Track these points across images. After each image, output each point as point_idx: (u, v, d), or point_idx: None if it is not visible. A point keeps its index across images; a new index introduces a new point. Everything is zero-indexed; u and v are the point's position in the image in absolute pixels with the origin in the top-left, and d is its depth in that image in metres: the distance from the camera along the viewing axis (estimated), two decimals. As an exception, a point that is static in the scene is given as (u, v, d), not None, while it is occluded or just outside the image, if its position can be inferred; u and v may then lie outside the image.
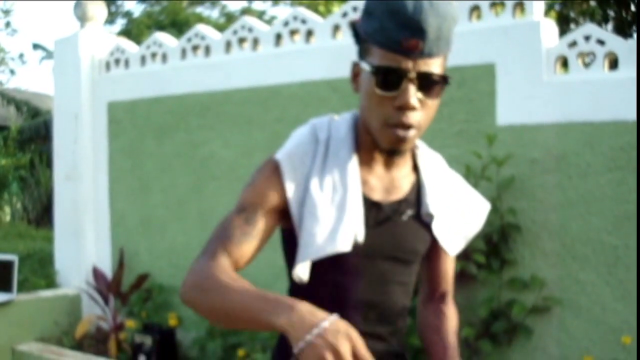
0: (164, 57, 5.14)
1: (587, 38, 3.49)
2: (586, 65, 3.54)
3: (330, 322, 1.12)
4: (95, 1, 5.56)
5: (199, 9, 23.31)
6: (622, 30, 10.79)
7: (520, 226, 3.55)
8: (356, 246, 1.41)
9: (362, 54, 1.38)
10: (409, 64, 1.30)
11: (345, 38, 4.25)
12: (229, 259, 1.38)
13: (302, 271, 1.42)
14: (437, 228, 1.53)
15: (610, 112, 3.37)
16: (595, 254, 3.41)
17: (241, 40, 4.74)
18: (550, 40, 3.61)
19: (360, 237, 1.41)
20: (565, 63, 3.61)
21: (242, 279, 1.31)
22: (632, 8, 11.15)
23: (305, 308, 1.16)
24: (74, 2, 5.55)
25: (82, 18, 5.50)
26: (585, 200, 3.44)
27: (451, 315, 1.72)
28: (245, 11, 23.18)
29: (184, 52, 5.04)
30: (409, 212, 1.49)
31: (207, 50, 4.92)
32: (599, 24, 11.68)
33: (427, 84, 1.32)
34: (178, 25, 18.35)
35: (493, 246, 3.57)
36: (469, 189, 1.65)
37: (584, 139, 3.44)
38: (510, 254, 3.58)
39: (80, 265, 5.44)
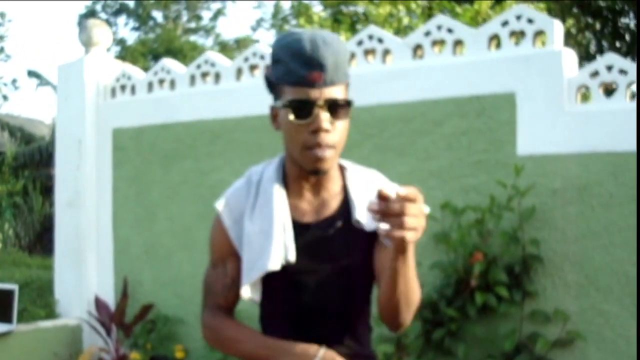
0: (172, 84, 5.09)
1: (609, 68, 3.47)
2: (608, 94, 3.52)
3: (322, 352, 1.56)
4: (101, 26, 5.52)
5: (193, 37, 23.38)
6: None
7: (542, 257, 3.50)
8: (290, 264, 1.64)
9: (277, 96, 1.65)
10: (316, 94, 1.55)
11: (359, 66, 4.22)
12: (223, 309, 1.75)
13: (245, 292, 1.69)
14: (369, 227, 1.66)
15: (632, 142, 3.35)
16: (619, 286, 3.36)
17: (252, 68, 4.70)
18: (571, 70, 3.59)
19: (291, 256, 1.63)
20: (586, 93, 3.59)
21: (245, 327, 1.70)
22: (627, 39, 11.27)
23: (299, 348, 1.58)
24: (77, 27, 5.50)
25: (87, 43, 5.45)
26: (608, 231, 3.40)
27: None
28: (240, 41, 23.28)
29: (192, 79, 4.99)
30: (338, 225, 1.68)
31: (217, 77, 4.87)
32: (594, 55, 11.79)
33: (334, 108, 1.57)
34: (173, 53, 18.35)
35: (515, 277, 3.51)
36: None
37: (606, 169, 3.42)
38: (532, 286, 3.52)
39: (82, 295, 5.32)
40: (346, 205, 1.71)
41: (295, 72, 1.55)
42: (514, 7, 3.83)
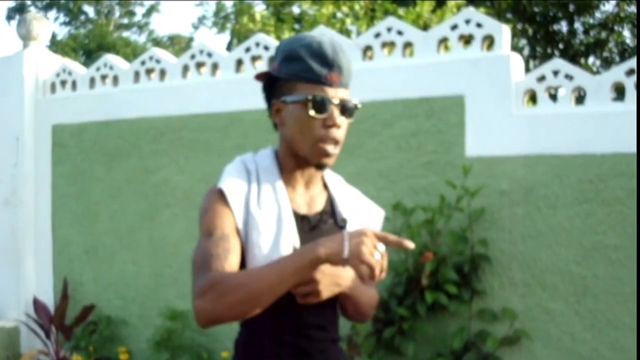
0: (115, 80, 4.98)
1: (555, 73, 3.57)
2: (554, 99, 3.62)
3: (349, 232, 1.52)
4: (40, 20, 5.36)
5: (126, 34, 22.95)
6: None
7: (489, 257, 3.58)
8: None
9: (285, 92, 1.70)
10: (332, 93, 1.68)
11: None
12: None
13: None
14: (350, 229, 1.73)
15: (578, 145, 3.45)
16: (564, 284, 3.46)
17: (199, 65, 4.65)
18: (518, 74, 3.68)
19: (297, 244, 1.69)
20: (533, 97, 3.69)
21: (246, 270, 1.62)
22: (561, 46, 11.62)
23: (320, 240, 1.53)
24: (17, 20, 5.32)
25: (26, 37, 5.28)
26: (554, 232, 3.50)
27: (369, 286, 1.87)
28: (174, 38, 22.97)
29: (137, 75, 4.89)
30: (330, 221, 1.80)
31: (162, 73, 4.80)
32: (527, 60, 12.12)
33: (345, 107, 1.70)
34: (105, 49, 17.95)
35: (463, 276, 3.58)
36: (366, 200, 1.94)
37: (552, 172, 3.51)
38: (480, 285, 3.59)
39: (19, 296, 5.15)
40: (330, 203, 1.84)
41: (316, 70, 1.66)
42: (463, 10, 3.89)
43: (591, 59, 13.91)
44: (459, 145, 3.74)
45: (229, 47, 12.77)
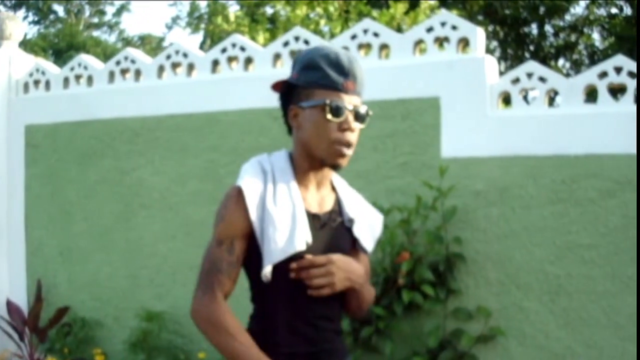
0: (90, 80, 4.95)
1: (529, 75, 3.63)
2: (527, 100, 3.68)
3: None
4: (13, 19, 5.31)
5: (96, 33, 22.73)
6: (519, 68, 11.40)
7: (465, 256, 3.62)
8: (307, 248, 1.83)
9: (303, 98, 1.84)
10: (347, 99, 1.82)
11: (287, 67, 4.23)
12: (224, 289, 1.82)
13: (268, 272, 1.81)
14: (356, 231, 1.98)
15: (551, 147, 3.51)
16: (538, 283, 3.52)
17: (175, 65, 4.64)
18: (493, 76, 3.73)
19: (310, 239, 1.83)
20: (507, 99, 3.74)
21: (242, 328, 1.81)
22: (531, 48, 11.76)
23: None
24: (-11, 19, 5.26)
25: (-2, 36, 5.23)
26: (528, 232, 3.55)
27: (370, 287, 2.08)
28: (144, 37, 22.81)
29: (112, 75, 4.87)
30: (339, 220, 1.95)
31: (138, 74, 4.78)
32: (498, 62, 12.24)
33: (358, 113, 1.85)
34: (75, 48, 17.77)
35: (439, 276, 3.62)
36: (367, 204, 2.09)
37: (526, 172, 3.57)
38: (456, 284, 3.64)
39: (-9, 298, 5.10)
40: (338, 204, 1.98)
41: (333, 78, 1.81)
42: (439, 13, 3.94)
43: (561, 61, 14.11)
44: (434, 146, 3.79)
45: (202, 48, 12.74)
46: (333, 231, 1.92)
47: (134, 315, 4.49)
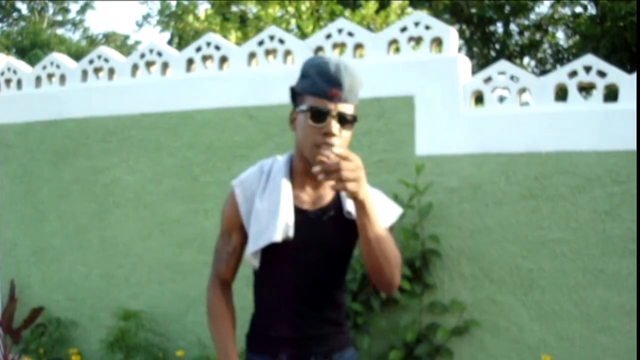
0: (62, 79, 4.93)
1: (501, 74, 3.71)
2: (500, 99, 3.76)
3: None
4: (-18, 18, 5.25)
5: (60, 31, 22.45)
6: (485, 66, 11.52)
7: (440, 252, 3.69)
8: (289, 240, 1.97)
9: (299, 103, 1.97)
10: (331, 106, 1.90)
11: (261, 66, 4.27)
12: (223, 275, 2.12)
13: (252, 259, 2.03)
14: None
15: (524, 144, 3.60)
16: (511, 277, 3.60)
17: (149, 64, 4.64)
18: (465, 75, 3.81)
19: (290, 233, 1.97)
20: (480, 97, 3.82)
21: (226, 315, 2.09)
22: (497, 46, 11.92)
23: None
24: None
25: (-33, 35, 5.17)
26: (501, 227, 3.64)
27: None
28: (109, 35, 22.59)
29: (84, 74, 4.85)
30: (331, 214, 2.04)
31: (111, 72, 4.76)
32: (466, 60, 12.37)
33: (343, 120, 1.92)
34: (39, 47, 17.54)
35: (415, 271, 3.68)
36: (385, 198, 2.18)
37: (499, 169, 3.65)
38: (431, 279, 3.71)
39: (-37, 299, 5.04)
40: (338, 199, 2.07)
41: (319, 86, 1.91)
42: (413, 13, 4.00)
43: (526, 60, 14.32)
44: (409, 144, 3.85)
45: (169, 46, 12.67)
46: (323, 227, 2.03)
47: (110, 315, 4.49)
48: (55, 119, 4.90)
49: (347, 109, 1.93)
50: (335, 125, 1.90)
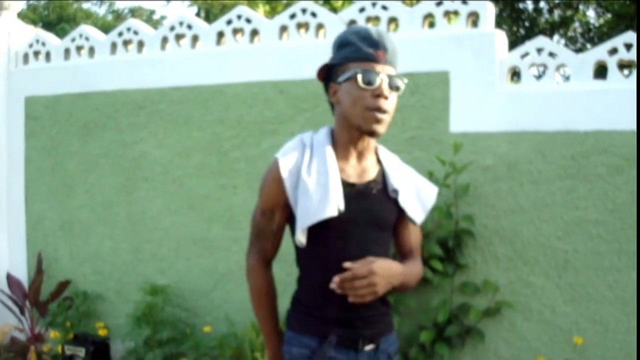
0: (91, 51, 4.89)
1: (539, 50, 3.61)
2: (538, 76, 3.66)
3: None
4: (11, -11, 5.22)
5: (86, 5, 22.46)
6: (515, 45, 11.35)
7: (473, 232, 3.62)
8: (340, 214, 1.93)
9: (340, 74, 1.95)
10: (379, 68, 1.91)
11: (292, 40, 4.19)
12: (267, 254, 2.10)
13: (301, 237, 1.96)
14: (403, 201, 2.07)
15: (561, 122, 3.50)
16: (545, 259, 3.53)
17: (178, 37, 4.58)
18: (502, 51, 3.71)
19: (342, 207, 1.94)
20: (517, 73, 3.72)
21: (270, 294, 2.12)
22: (526, 24, 11.71)
23: (272, 352, 2.12)
24: (-13, -11, 5.17)
25: (-4, 7, 5.15)
26: (536, 207, 3.56)
27: (411, 261, 2.17)
28: (135, 10, 22.56)
29: (114, 47, 4.81)
30: (378, 188, 2.03)
31: (140, 45, 4.72)
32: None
33: (392, 81, 1.93)
34: (65, 21, 17.56)
35: (447, 251, 3.62)
36: (420, 177, 2.21)
37: (535, 148, 3.56)
38: (464, 259, 3.64)
39: (-9, 272, 5.07)
40: (382, 175, 2.07)
41: (364, 50, 1.91)
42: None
43: (556, 37, 14.07)
44: (443, 121, 3.77)
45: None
46: (371, 200, 2.01)
47: (137, 289, 4.48)
48: (83, 92, 4.87)
49: (394, 72, 1.95)
50: (386, 87, 1.91)
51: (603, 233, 3.42)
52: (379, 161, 2.11)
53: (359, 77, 1.90)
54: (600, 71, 3.56)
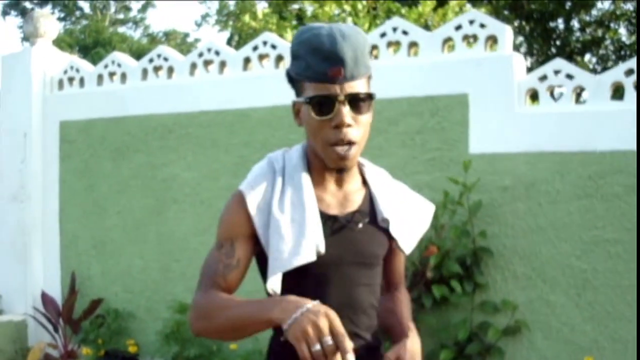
0: (123, 77, 5.07)
1: (556, 72, 3.68)
2: (555, 98, 3.72)
3: (312, 305, 1.37)
4: (47, 17, 5.44)
5: (122, 29, 22.96)
6: (546, 63, 11.39)
7: (492, 250, 3.68)
8: (319, 256, 1.59)
9: (298, 92, 1.61)
10: (337, 89, 1.52)
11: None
12: (219, 289, 1.60)
13: (274, 284, 1.60)
14: (394, 231, 1.71)
15: (578, 143, 3.56)
16: (564, 277, 3.57)
17: (206, 63, 4.73)
18: (520, 73, 3.78)
19: (322, 248, 1.59)
20: (535, 95, 3.79)
21: (235, 297, 1.59)
22: (557, 43, 11.72)
23: (292, 298, 1.42)
24: (24, 17, 5.39)
25: (33, 34, 5.36)
26: (555, 227, 3.60)
27: (404, 298, 1.87)
28: (169, 33, 23.00)
29: (144, 73, 4.98)
30: (365, 221, 1.67)
31: (170, 71, 4.88)
32: (524, 56, 12.22)
33: (355, 103, 1.55)
34: (101, 45, 17.99)
35: (466, 270, 3.68)
36: (414, 195, 1.84)
37: (553, 168, 3.62)
38: (482, 278, 3.70)
39: (27, 290, 5.23)
40: (370, 201, 1.71)
41: (315, 67, 1.52)
42: (467, 11, 3.99)
43: (587, 57, 14.03)
44: (462, 142, 3.85)
45: (229, 44, 12.89)
46: (356, 234, 1.66)
47: (166, 307, 4.60)
48: (116, 116, 5.04)
49: (358, 86, 1.55)
50: (347, 113, 1.53)
51: (621, 252, 3.46)
52: (364, 182, 1.74)
53: (309, 107, 1.55)
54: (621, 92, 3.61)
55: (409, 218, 1.76)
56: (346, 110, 1.54)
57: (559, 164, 3.60)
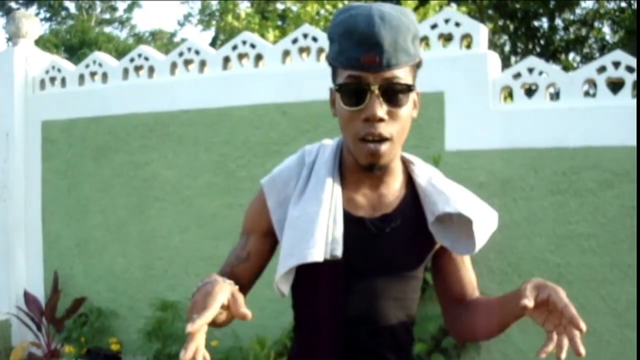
0: (105, 77, 5.09)
1: (530, 70, 3.73)
2: (529, 95, 3.78)
3: (214, 277, 1.24)
4: (29, 18, 5.45)
5: (108, 29, 22.89)
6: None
7: (468, 246, 3.72)
8: (337, 261, 1.42)
9: (333, 79, 1.44)
10: (370, 78, 1.34)
11: (295, 64, 4.35)
12: (227, 278, 1.41)
13: (280, 283, 1.45)
14: (441, 235, 1.54)
15: (552, 139, 3.62)
16: (539, 272, 3.62)
17: (187, 62, 4.76)
18: (495, 71, 3.84)
19: (338, 252, 1.41)
20: (510, 93, 3.84)
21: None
22: (541, 42, 11.80)
23: (213, 276, 1.26)
24: (7, 17, 5.40)
25: (15, 34, 5.37)
26: (529, 222, 3.66)
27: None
28: (156, 33, 22.97)
29: (125, 72, 5.00)
30: (398, 223, 1.49)
31: (151, 70, 4.91)
32: (508, 56, 12.30)
33: (391, 94, 1.36)
34: (87, 45, 17.95)
35: (443, 265, 3.72)
36: (473, 198, 1.66)
37: (528, 164, 3.67)
38: (459, 273, 3.74)
39: (10, 290, 5.24)
40: (409, 203, 1.53)
41: (348, 53, 1.35)
42: (444, 10, 4.04)
43: (571, 55, 14.14)
44: (438, 139, 3.90)
45: (214, 44, 12.90)
46: (386, 240, 1.49)
47: (149, 305, 4.63)
48: (97, 116, 5.06)
49: (398, 75, 1.35)
50: (378, 106, 1.34)
51: (595, 246, 3.52)
52: (409, 183, 1.57)
53: (338, 96, 1.40)
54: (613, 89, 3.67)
55: (472, 218, 1.55)
56: (379, 102, 1.35)
57: (533, 160, 3.66)
